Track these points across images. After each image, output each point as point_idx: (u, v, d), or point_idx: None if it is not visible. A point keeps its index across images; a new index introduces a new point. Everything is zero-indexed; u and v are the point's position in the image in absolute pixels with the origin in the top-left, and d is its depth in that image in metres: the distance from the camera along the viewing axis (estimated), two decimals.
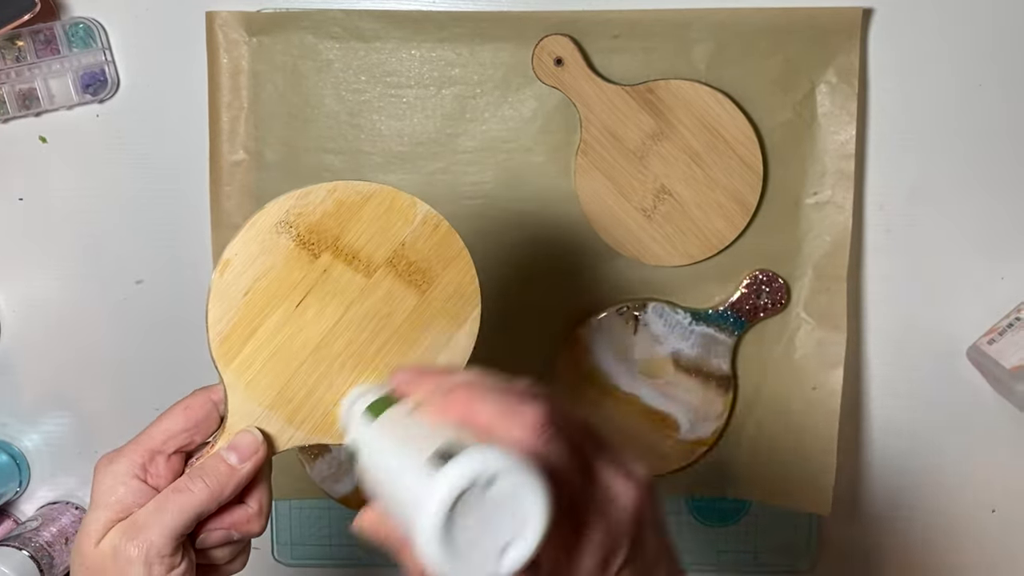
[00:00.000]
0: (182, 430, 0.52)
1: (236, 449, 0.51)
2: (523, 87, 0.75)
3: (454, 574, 0.37)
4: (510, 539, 0.38)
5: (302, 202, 0.51)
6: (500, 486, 0.37)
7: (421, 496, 0.37)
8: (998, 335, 0.76)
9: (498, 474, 0.37)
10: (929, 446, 0.81)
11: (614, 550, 0.42)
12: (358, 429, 0.48)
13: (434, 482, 0.36)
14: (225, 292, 0.51)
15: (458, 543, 0.37)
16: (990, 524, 0.82)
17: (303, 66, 0.76)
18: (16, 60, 0.76)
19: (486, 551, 0.37)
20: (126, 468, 0.51)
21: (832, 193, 0.76)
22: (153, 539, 0.48)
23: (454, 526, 0.37)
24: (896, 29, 0.75)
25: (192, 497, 0.49)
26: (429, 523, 0.36)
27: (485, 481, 0.37)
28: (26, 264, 0.80)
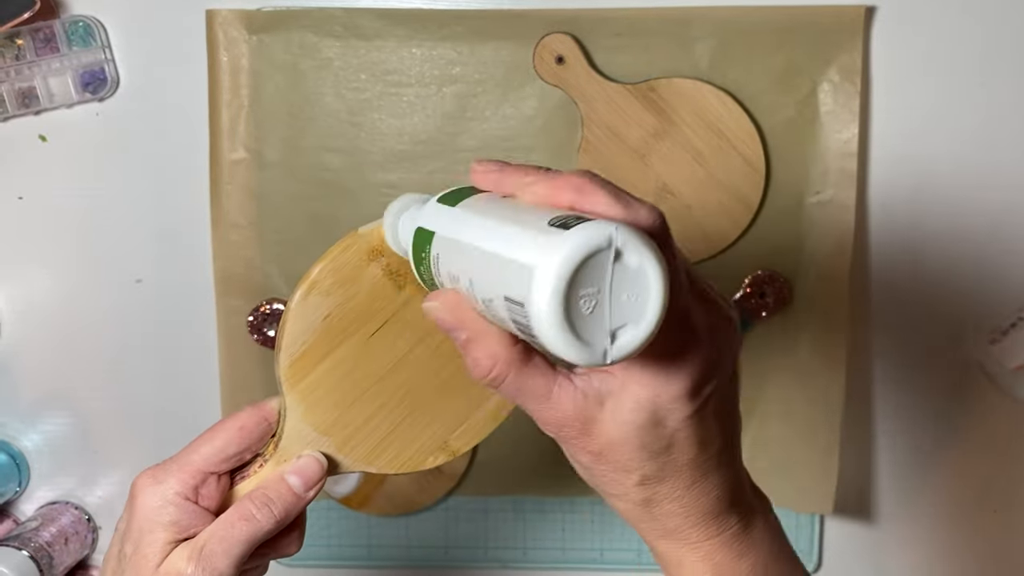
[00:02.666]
0: (237, 451, 0.50)
1: (301, 475, 0.49)
2: (524, 85, 0.75)
3: (565, 343, 0.34)
4: (624, 323, 0.35)
5: None
6: (625, 262, 0.34)
7: (542, 257, 0.34)
8: (1001, 335, 0.76)
9: (625, 247, 0.34)
10: (930, 446, 0.81)
11: (708, 375, 0.40)
12: (433, 211, 0.44)
13: (563, 239, 0.34)
14: (305, 313, 0.49)
15: (573, 313, 0.34)
16: (991, 524, 0.82)
17: (303, 64, 0.75)
18: (16, 58, 0.76)
19: (600, 327, 0.35)
20: (177, 489, 0.48)
21: (835, 192, 0.75)
22: (221, 568, 0.47)
23: (573, 294, 0.34)
24: (898, 28, 0.75)
25: (259, 526, 0.48)
26: (551, 284, 0.33)
27: (613, 251, 0.34)
28: (26, 263, 0.80)
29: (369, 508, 0.81)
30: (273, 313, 0.77)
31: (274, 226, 0.77)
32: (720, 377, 0.41)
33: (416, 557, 0.83)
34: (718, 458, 0.44)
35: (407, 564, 0.83)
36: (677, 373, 0.40)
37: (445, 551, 0.83)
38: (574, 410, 0.40)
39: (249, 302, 0.78)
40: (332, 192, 0.77)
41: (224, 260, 0.78)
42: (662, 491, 0.43)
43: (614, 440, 0.41)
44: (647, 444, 0.41)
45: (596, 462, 0.42)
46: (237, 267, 0.78)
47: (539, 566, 0.83)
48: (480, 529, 0.83)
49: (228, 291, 0.78)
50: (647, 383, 0.40)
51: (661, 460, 0.42)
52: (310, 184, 0.77)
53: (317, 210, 0.77)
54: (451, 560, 0.83)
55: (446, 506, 0.82)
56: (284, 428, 0.50)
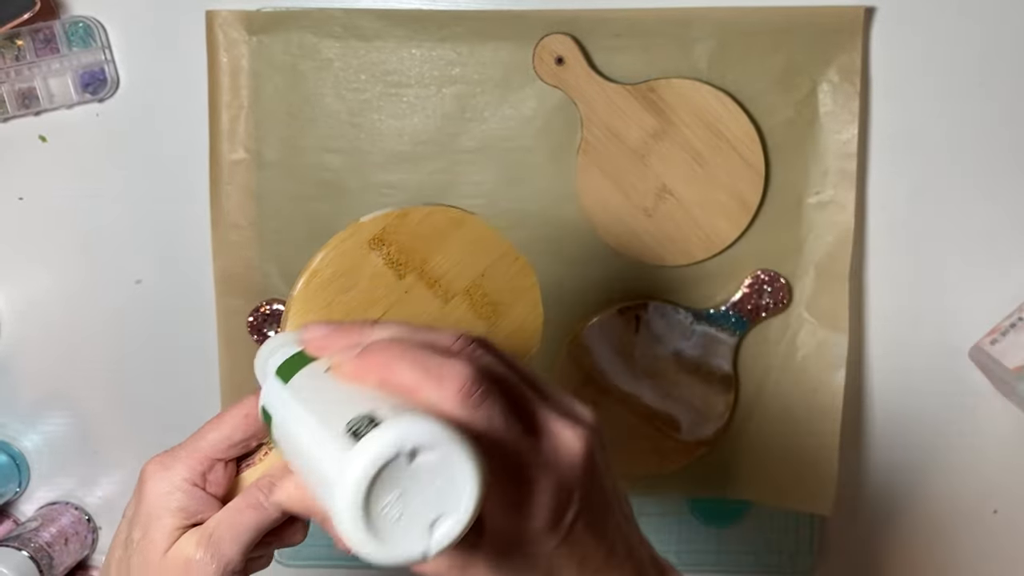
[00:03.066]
0: (243, 438, 0.50)
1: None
2: (524, 86, 0.75)
3: (378, 554, 0.34)
4: (440, 513, 0.35)
5: (399, 222, 0.51)
6: (425, 457, 0.34)
7: (337, 473, 0.34)
8: (1000, 335, 0.76)
9: (422, 445, 0.34)
10: (931, 446, 0.81)
11: (565, 504, 0.39)
12: (269, 392, 0.45)
13: (349, 458, 0.33)
14: (309, 301, 0.50)
15: (381, 521, 0.34)
16: (991, 525, 0.82)
17: (303, 65, 0.75)
18: (16, 59, 0.76)
19: (414, 527, 0.35)
20: (185, 475, 0.49)
21: (834, 192, 0.75)
22: (231, 556, 0.47)
23: (375, 503, 0.34)
24: (898, 28, 0.75)
25: (267, 515, 0.48)
26: (346, 503, 0.33)
27: (408, 453, 0.34)
28: (26, 264, 0.80)
29: None
30: (273, 313, 0.78)
31: (274, 226, 0.77)
32: (582, 496, 0.40)
33: None
34: (607, 565, 0.43)
35: None
36: (530, 512, 0.39)
37: None
38: (446, 564, 0.40)
39: (249, 302, 0.78)
40: (332, 193, 0.77)
41: (224, 260, 0.78)
42: None
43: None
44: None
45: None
46: (237, 267, 0.78)
47: None
48: None
49: (228, 291, 0.78)
50: (505, 532, 0.39)
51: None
52: (310, 185, 0.77)
53: (317, 210, 0.77)
54: None
55: None
56: None
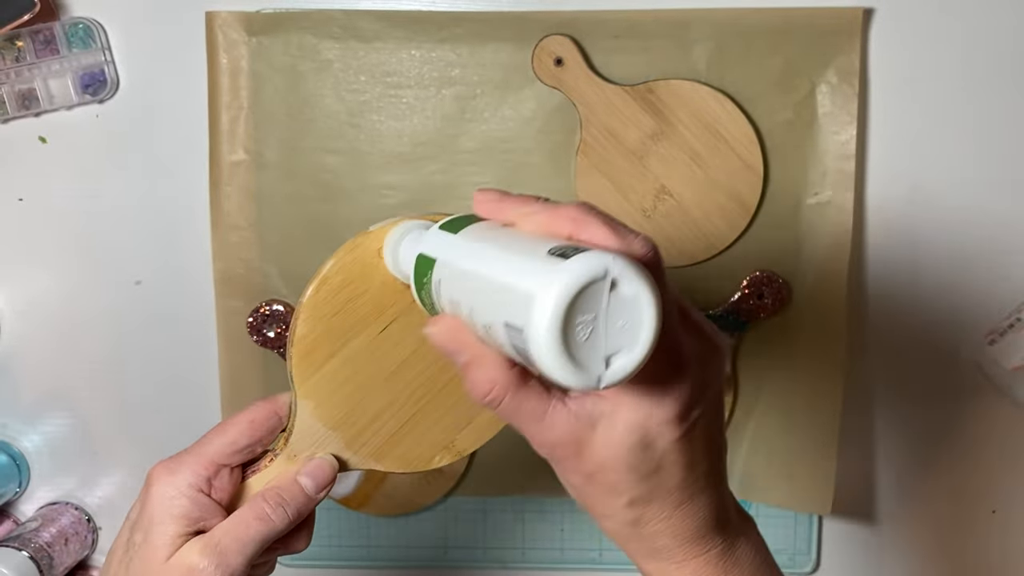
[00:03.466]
0: (248, 444, 0.51)
1: (313, 477, 0.50)
2: (523, 87, 0.75)
3: (561, 367, 0.35)
4: (617, 349, 0.37)
5: None
6: (620, 291, 0.36)
7: (541, 285, 0.35)
8: (999, 335, 0.76)
9: (622, 277, 0.36)
10: (930, 446, 0.81)
11: (697, 399, 0.42)
12: (435, 238, 0.45)
13: (558, 271, 0.35)
14: (317, 309, 0.50)
15: (570, 339, 0.35)
16: (990, 525, 0.82)
17: (303, 66, 0.76)
18: (16, 60, 0.76)
19: (594, 354, 0.36)
20: (190, 480, 0.49)
21: (832, 193, 0.75)
22: (234, 565, 0.48)
23: (571, 321, 0.35)
24: (897, 29, 0.75)
25: (272, 526, 0.49)
26: (551, 311, 0.35)
27: (609, 281, 0.35)
28: (26, 264, 0.80)
29: (369, 508, 0.81)
30: (273, 314, 0.78)
31: (274, 227, 0.77)
32: (707, 403, 0.42)
33: (415, 557, 0.83)
34: (705, 480, 0.44)
35: (407, 564, 0.84)
36: (666, 398, 0.41)
37: (444, 551, 0.83)
38: (567, 432, 0.41)
39: (249, 303, 0.78)
40: (332, 193, 0.77)
41: (224, 261, 0.78)
42: (650, 512, 0.44)
43: (605, 462, 0.42)
44: (636, 466, 0.42)
45: (587, 483, 0.43)
46: (237, 268, 0.78)
47: (538, 566, 0.83)
48: (479, 529, 0.83)
49: (228, 292, 0.78)
50: (637, 407, 0.41)
51: (650, 482, 0.42)
52: (310, 185, 0.77)
53: (317, 211, 0.77)
54: (450, 560, 0.83)
55: (445, 506, 0.82)
56: (294, 424, 0.51)
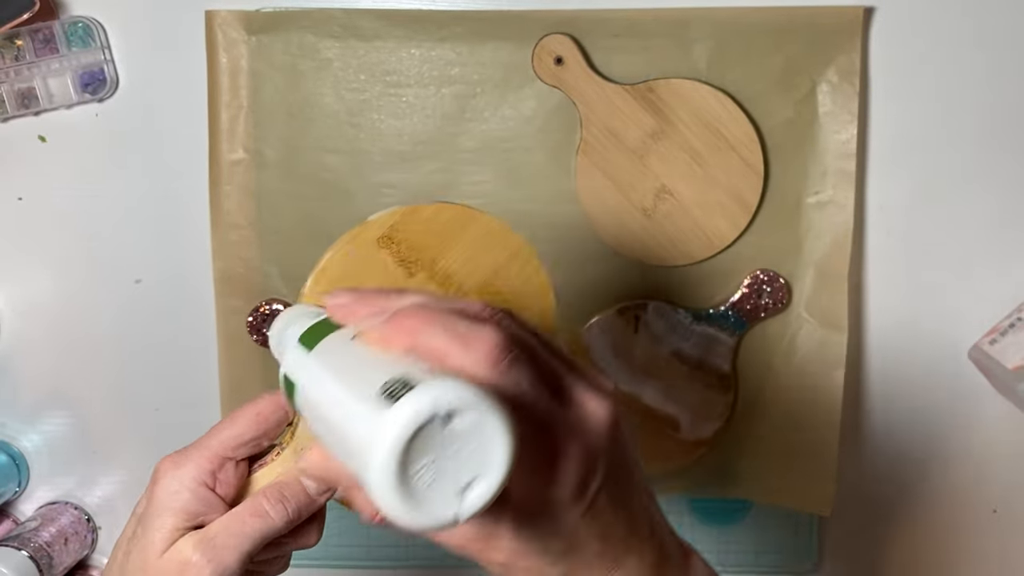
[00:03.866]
0: (253, 437, 0.50)
1: (316, 479, 0.50)
2: (523, 86, 0.75)
3: (411, 519, 0.34)
4: (473, 477, 0.35)
5: (409, 219, 0.51)
6: (459, 421, 0.34)
7: (371, 436, 0.33)
8: (999, 335, 0.76)
9: (456, 409, 0.33)
10: (930, 446, 0.81)
11: (591, 472, 0.40)
12: (293, 359, 0.44)
13: (385, 420, 0.33)
14: (316, 301, 0.49)
15: (414, 485, 0.33)
16: (990, 524, 0.82)
17: (302, 65, 0.75)
18: (15, 59, 0.76)
19: (446, 491, 0.34)
20: (194, 474, 0.49)
21: (833, 193, 0.75)
22: (229, 562, 0.47)
23: (410, 467, 0.33)
24: (897, 28, 0.75)
25: (271, 523, 0.49)
26: (381, 466, 0.33)
27: (443, 417, 0.33)
28: (25, 264, 0.80)
29: None
30: (273, 313, 0.78)
31: (274, 226, 0.77)
32: (605, 469, 0.40)
33: (415, 557, 0.83)
34: (626, 543, 0.43)
35: (407, 564, 0.83)
36: (555, 481, 0.39)
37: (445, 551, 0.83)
38: (470, 531, 0.40)
39: (249, 302, 0.78)
40: (332, 192, 0.77)
41: (224, 260, 0.78)
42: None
43: (516, 550, 0.41)
44: (547, 549, 0.41)
45: (507, 571, 0.42)
46: (237, 267, 0.78)
47: None
48: None
49: (228, 291, 0.78)
50: (530, 497, 0.39)
51: (568, 560, 0.41)
52: (310, 184, 0.77)
53: (317, 210, 0.77)
54: (450, 560, 0.83)
55: None
56: (299, 417, 0.51)
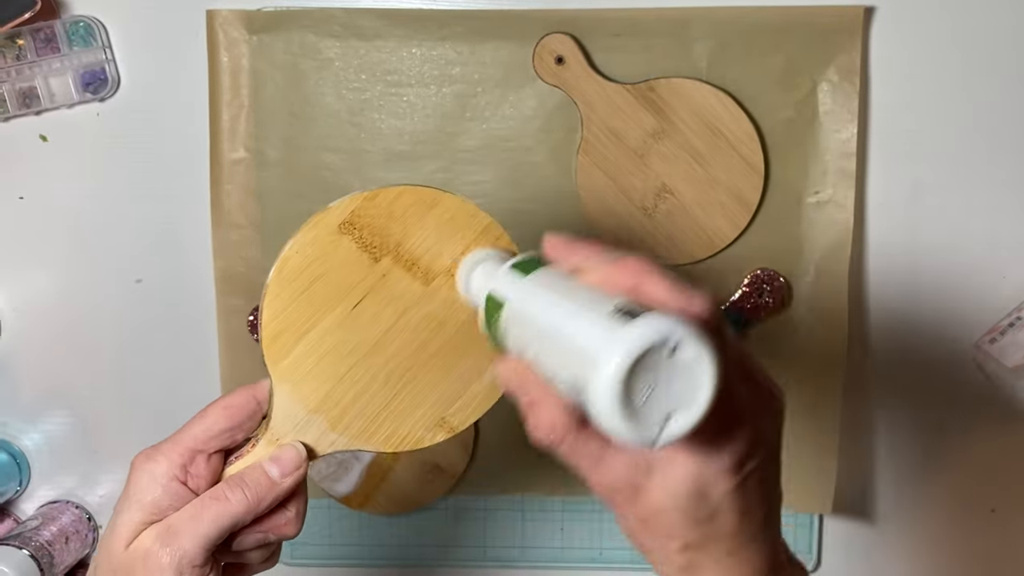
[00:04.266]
0: (224, 429, 0.51)
1: (279, 463, 0.50)
2: (524, 86, 0.75)
3: (619, 428, 0.36)
4: (675, 409, 0.38)
5: (369, 204, 0.50)
6: (680, 354, 0.37)
7: (605, 346, 0.36)
8: (999, 334, 0.76)
9: (681, 342, 0.36)
10: (930, 445, 0.81)
11: (752, 452, 0.42)
12: (505, 280, 0.46)
13: (623, 334, 0.36)
14: (282, 290, 0.50)
15: (632, 399, 0.36)
16: (990, 524, 0.82)
17: (303, 64, 0.76)
18: (17, 59, 0.76)
19: (653, 415, 0.37)
20: (165, 469, 0.50)
21: (833, 192, 0.75)
22: (187, 547, 0.47)
23: (632, 381, 0.36)
24: (898, 27, 0.75)
25: (229, 507, 0.48)
26: (612, 372, 0.36)
27: (670, 346, 0.36)
28: (26, 263, 0.80)
29: (369, 508, 0.81)
30: None
31: (274, 226, 0.77)
32: (762, 454, 0.43)
33: (416, 556, 0.83)
34: (758, 528, 0.45)
35: (407, 564, 0.83)
36: (722, 449, 0.42)
37: (445, 550, 0.83)
38: (624, 477, 0.42)
39: (249, 302, 0.78)
40: (332, 192, 0.77)
41: (224, 260, 0.78)
42: (702, 558, 0.44)
43: (660, 508, 0.43)
44: (691, 513, 0.42)
45: (641, 527, 0.44)
46: (237, 267, 0.78)
47: (538, 565, 0.83)
48: (479, 528, 0.83)
49: (228, 291, 0.78)
50: (693, 457, 0.42)
51: (704, 529, 0.43)
52: (310, 184, 0.77)
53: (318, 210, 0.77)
54: (450, 559, 0.83)
55: (446, 505, 0.82)
56: (273, 407, 0.51)
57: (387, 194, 0.51)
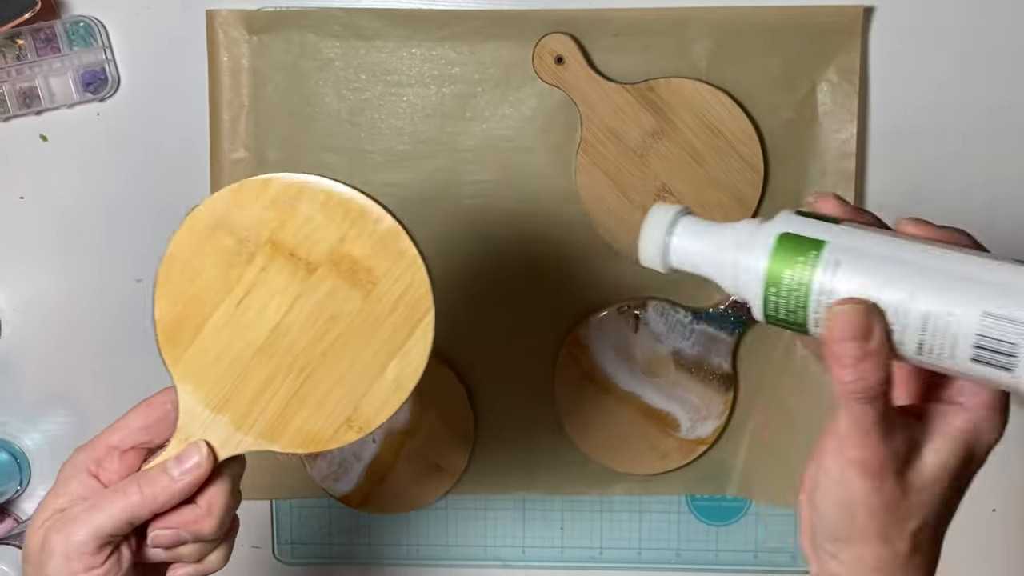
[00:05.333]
0: (139, 427, 0.52)
1: (179, 460, 0.50)
2: (524, 86, 0.75)
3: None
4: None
5: (237, 196, 0.50)
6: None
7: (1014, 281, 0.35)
8: None
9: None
10: None
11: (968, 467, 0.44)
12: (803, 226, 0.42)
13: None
14: (166, 291, 0.50)
15: None
16: (990, 524, 0.82)
17: (303, 64, 0.76)
18: (17, 59, 0.76)
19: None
20: (82, 461, 0.51)
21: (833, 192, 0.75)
22: (78, 534, 0.48)
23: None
24: (897, 27, 0.75)
25: (125, 500, 0.49)
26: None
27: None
28: (26, 263, 0.80)
29: (369, 507, 0.81)
30: None
31: None
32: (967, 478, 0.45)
33: (416, 555, 0.83)
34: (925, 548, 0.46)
35: (407, 563, 0.84)
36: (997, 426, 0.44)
37: (445, 549, 0.83)
38: (906, 441, 0.41)
39: None
40: None
41: None
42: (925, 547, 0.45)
43: (930, 479, 0.42)
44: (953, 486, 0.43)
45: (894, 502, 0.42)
46: None
47: (538, 564, 0.83)
48: (480, 527, 0.83)
49: None
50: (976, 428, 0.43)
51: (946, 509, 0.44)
52: None
53: None
54: (451, 558, 0.83)
55: (446, 504, 0.82)
56: (180, 408, 0.51)
57: (253, 185, 0.50)
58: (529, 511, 0.82)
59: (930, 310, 0.38)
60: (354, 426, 0.51)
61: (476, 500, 0.82)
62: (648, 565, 0.82)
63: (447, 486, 0.80)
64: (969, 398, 0.42)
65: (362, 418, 0.51)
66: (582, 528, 0.82)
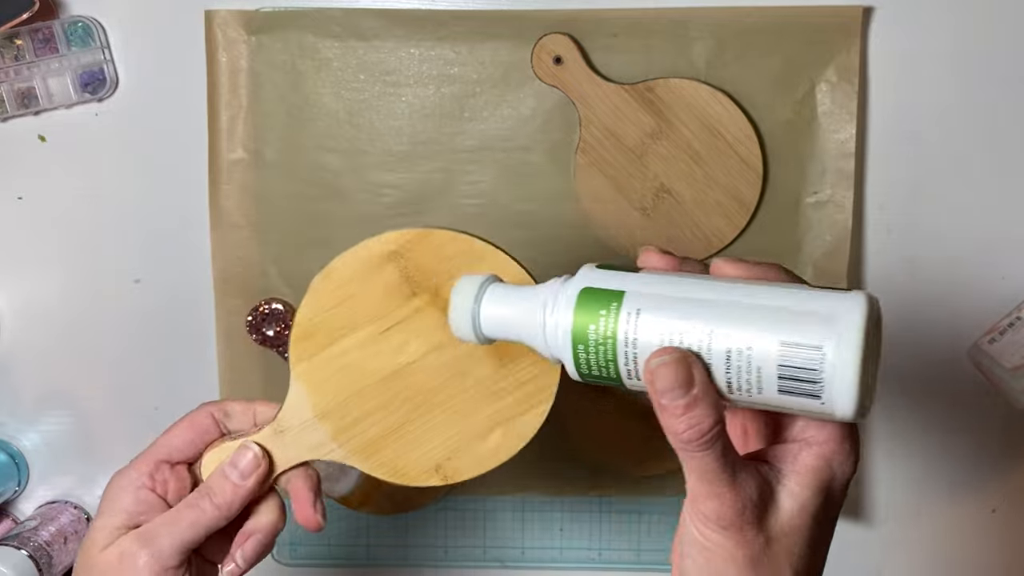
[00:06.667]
0: (184, 443, 0.54)
1: (235, 465, 0.52)
2: (522, 86, 0.75)
3: (853, 394, 0.35)
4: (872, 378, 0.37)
5: (421, 241, 0.52)
6: (876, 333, 0.36)
7: (842, 308, 0.35)
8: (998, 335, 0.76)
9: (879, 319, 0.36)
10: (929, 446, 0.81)
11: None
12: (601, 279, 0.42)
13: (854, 301, 0.35)
14: (320, 296, 0.52)
15: (864, 365, 0.35)
16: (990, 524, 0.82)
17: (302, 65, 0.75)
18: (15, 59, 0.76)
19: (867, 384, 0.35)
20: (133, 478, 0.53)
21: (832, 192, 0.75)
22: (163, 549, 0.50)
23: (866, 347, 0.35)
24: (897, 27, 0.75)
25: (202, 514, 0.51)
26: (860, 327, 0.34)
27: (876, 320, 0.36)
28: (25, 263, 0.80)
29: (368, 508, 0.81)
30: (272, 313, 0.78)
31: (273, 226, 0.77)
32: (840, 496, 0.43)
33: (415, 557, 0.83)
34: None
35: (406, 564, 0.83)
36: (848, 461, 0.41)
37: (444, 551, 0.83)
38: (758, 487, 0.40)
39: (248, 302, 0.78)
40: (331, 192, 0.77)
41: (223, 260, 0.78)
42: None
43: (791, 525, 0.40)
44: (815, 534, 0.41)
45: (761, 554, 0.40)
46: (236, 267, 0.78)
47: (537, 565, 0.83)
48: (479, 529, 0.83)
49: (227, 291, 0.78)
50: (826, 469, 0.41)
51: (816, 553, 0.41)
52: (309, 184, 0.77)
53: (316, 210, 0.77)
54: (450, 560, 0.83)
55: (445, 506, 0.82)
56: (284, 403, 0.53)
57: (440, 236, 0.52)
58: (528, 513, 0.82)
59: (731, 347, 0.37)
60: (440, 473, 0.53)
61: (475, 501, 0.82)
62: (647, 567, 0.82)
63: (447, 487, 0.80)
64: (815, 433, 0.40)
65: (451, 468, 0.53)
66: (581, 530, 0.82)
